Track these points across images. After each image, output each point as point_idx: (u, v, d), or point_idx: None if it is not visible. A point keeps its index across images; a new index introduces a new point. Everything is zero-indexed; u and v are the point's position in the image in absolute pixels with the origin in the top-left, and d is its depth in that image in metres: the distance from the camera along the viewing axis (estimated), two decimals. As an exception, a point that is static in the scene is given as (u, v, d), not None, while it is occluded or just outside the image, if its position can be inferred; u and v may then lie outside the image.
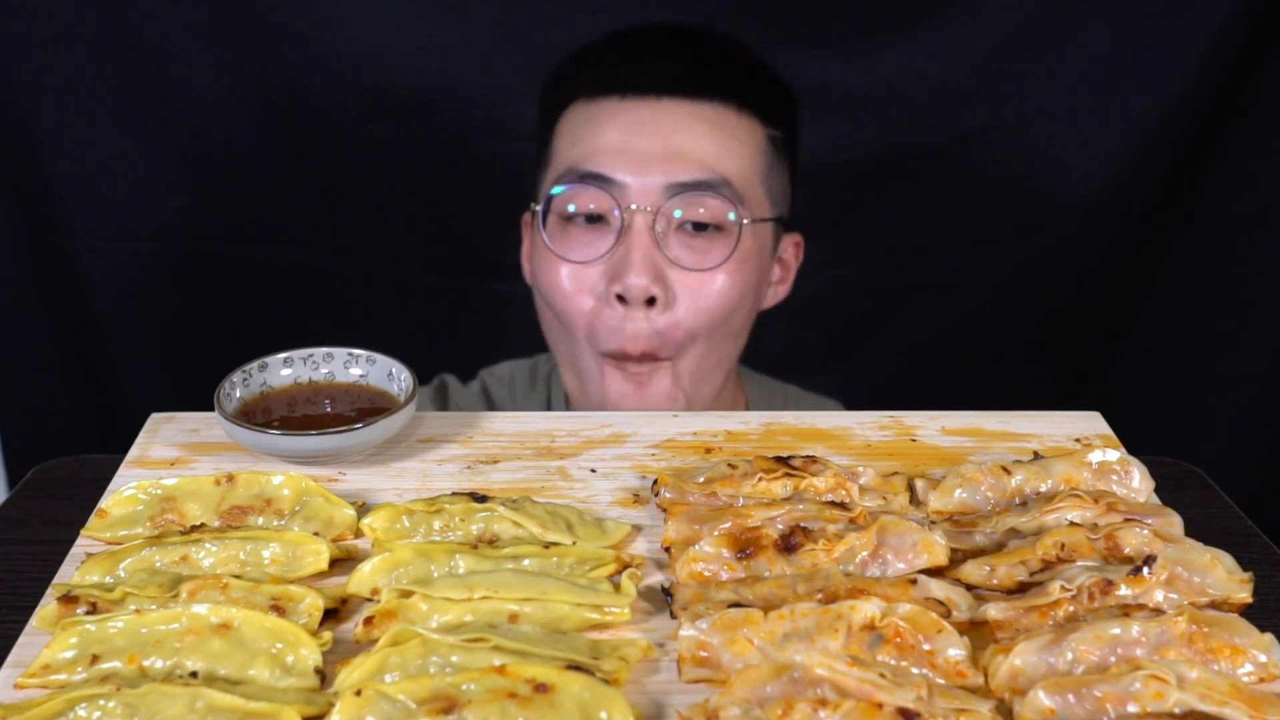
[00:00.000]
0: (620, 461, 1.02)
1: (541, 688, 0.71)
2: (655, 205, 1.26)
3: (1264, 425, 1.88)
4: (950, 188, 1.84)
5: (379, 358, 1.07)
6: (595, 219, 1.30)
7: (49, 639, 0.77)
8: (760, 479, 0.93)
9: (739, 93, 1.32)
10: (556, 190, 1.31)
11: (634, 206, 1.26)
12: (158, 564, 0.85)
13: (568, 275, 1.31)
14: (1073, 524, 0.87)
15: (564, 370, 1.41)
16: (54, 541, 0.91)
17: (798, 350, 1.72)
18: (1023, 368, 1.91)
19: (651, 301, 1.28)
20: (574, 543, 0.87)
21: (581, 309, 1.31)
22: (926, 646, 0.75)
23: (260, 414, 1.03)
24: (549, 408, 1.55)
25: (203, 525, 0.90)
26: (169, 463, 1.01)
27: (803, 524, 0.87)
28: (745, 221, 1.29)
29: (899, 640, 0.75)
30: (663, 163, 1.27)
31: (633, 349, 1.29)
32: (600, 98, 1.32)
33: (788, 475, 0.93)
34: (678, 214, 1.27)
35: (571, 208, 1.30)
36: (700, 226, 1.29)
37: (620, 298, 1.28)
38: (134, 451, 1.03)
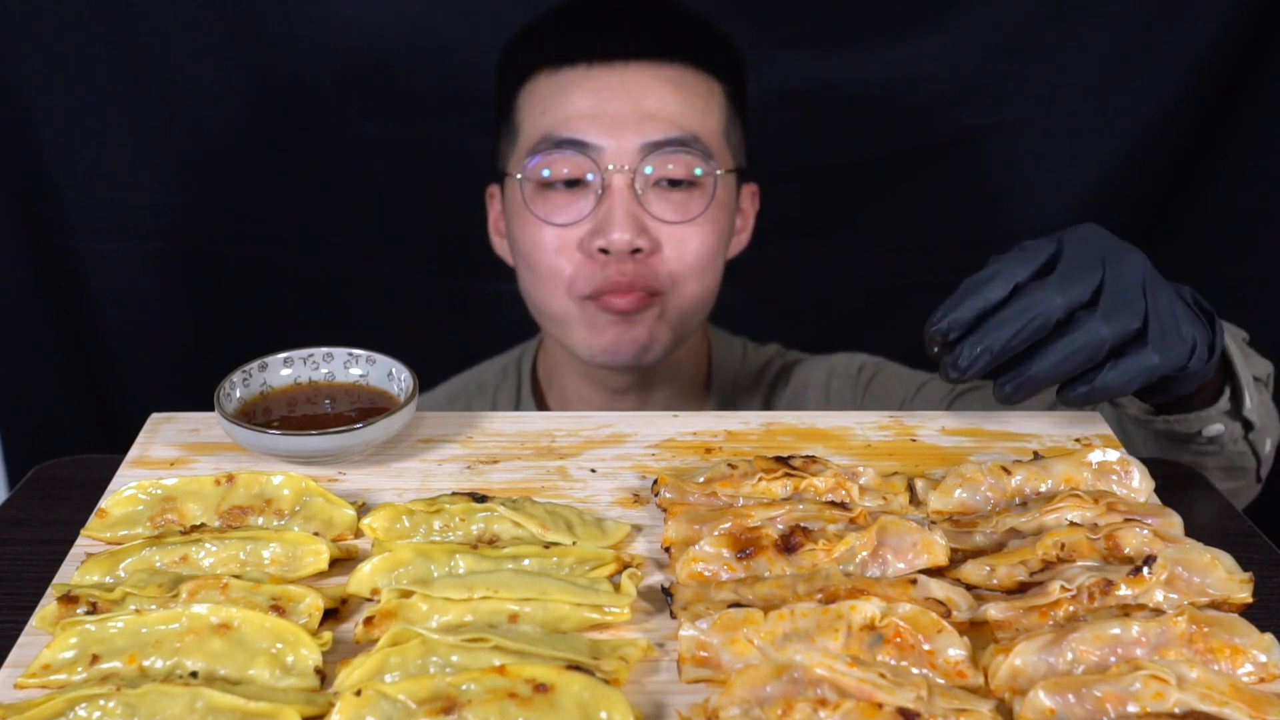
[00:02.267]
0: (620, 461, 1.02)
1: (541, 688, 0.71)
2: (632, 165, 1.32)
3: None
4: (950, 188, 1.84)
5: (379, 358, 1.07)
6: (573, 183, 1.34)
7: (49, 639, 0.77)
8: (760, 479, 0.93)
9: (696, 53, 1.38)
10: (533, 158, 1.35)
11: (611, 167, 1.31)
12: (158, 564, 0.85)
13: (552, 235, 1.35)
14: (1073, 524, 0.87)
15: (548, 326, 1.44)
16: (54, 541, 0.91)
17: (795, 346, 1.72)
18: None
19: (636, 251, 1.32)
20: (574, 543, 0.87)
21: (566, 264, 1.35)
22: (926, 646, 0.75)
23: (260, 414, 1.03)
24: (518, 391, 1.57)
25: (203, 525, 0.90)
26: (169, 463, 1.01)
27: (803, 524, 0.87)
28: (718, 173, 1.35)
29: (899, 640, 0.76)
30: (635, 124, 1.32)
31: (620, 279, 1.33)
32: (565, 67, 1.36)
33: (788, 475, 0.93)
34: (649, 170, 1.32)
35: (548, 173, 1.34)
36: (674, 183, 1.34)
37: (604, 250, 1.32)
38: (134, 451, 1.03)
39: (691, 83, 1.36)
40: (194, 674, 0.75)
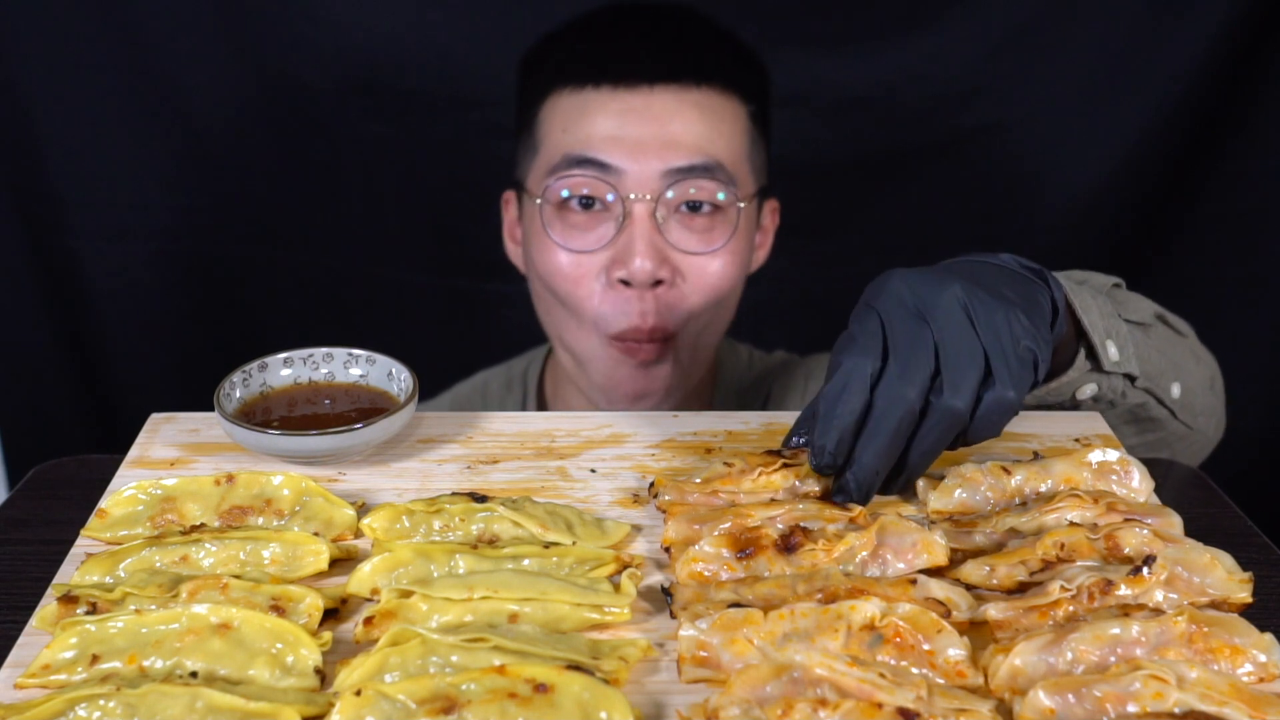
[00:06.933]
0: (620, 461, 1.02)
1: (541, 688, 0.71)
2: (654, 192, 1.29)
3: (1264, 425, 1.88)
4: (950, 187, 1.84)
5: (379, 358, 1.07)
6: (590, 203, 1.31)
7: (49, 639, 0.77)
8: (760, 473, 0.93)
9: (723, 75, 1.35)
10: (552, 178, 1.32)
11: (633, 196, 1.29)
12: (158, 564, 0.86)
13: (569, 262, 1.33)
14: (1072, 524, 0.87)
15: (561, 352, 1.42)
16: (54, 541, 0.91)
17: (798, 350, 1.72)
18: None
19: (658, 283, 1.30)
20: (574, 543, 0.87)
21: (589, 293, 1.33)
22: (926, 646, 0.75)
23: (260, 414, 1.03)
24: (524, 406, 1.56)
25: (203, 525, 0.90)
26: (169, 463, 1.01)
27: (803, 524, 0.87)
28: (741, 205, 1.33)
29: (899, 640, 0.76)
30: (659, 149, 1.29)
31: (644, 325, 1.31)
32: (589, 87, 1.33)
33: (785, 466, 0.93)
34: (670, 195, 1.29)
35: (566, 193, 1.32)
36: (695, 208, 1.32)
37: (624, 282, 1.30)
38: (134, 451, 1.03)
39: (717, 106, 1.33)
40: (194, 674, 0.75)
